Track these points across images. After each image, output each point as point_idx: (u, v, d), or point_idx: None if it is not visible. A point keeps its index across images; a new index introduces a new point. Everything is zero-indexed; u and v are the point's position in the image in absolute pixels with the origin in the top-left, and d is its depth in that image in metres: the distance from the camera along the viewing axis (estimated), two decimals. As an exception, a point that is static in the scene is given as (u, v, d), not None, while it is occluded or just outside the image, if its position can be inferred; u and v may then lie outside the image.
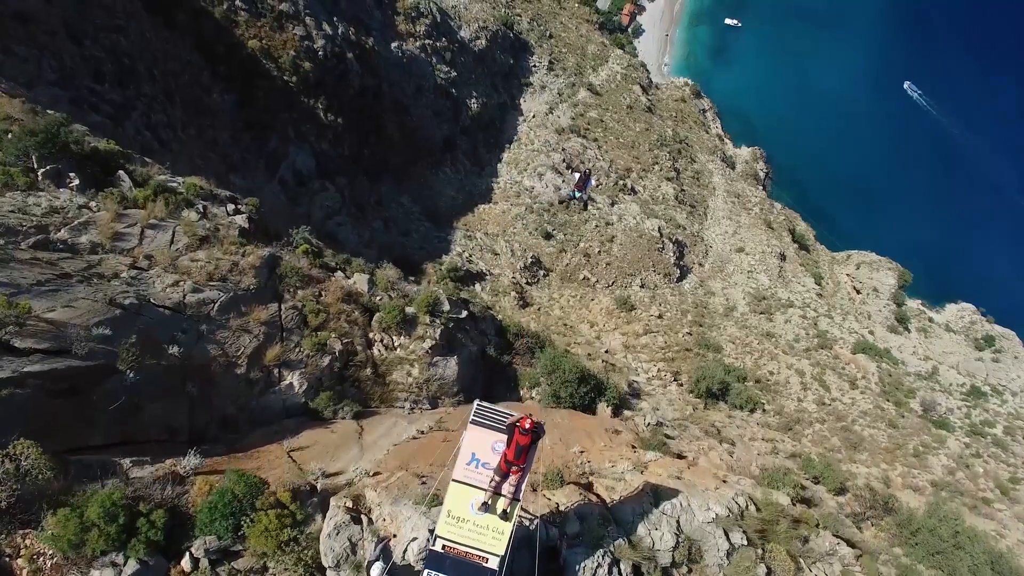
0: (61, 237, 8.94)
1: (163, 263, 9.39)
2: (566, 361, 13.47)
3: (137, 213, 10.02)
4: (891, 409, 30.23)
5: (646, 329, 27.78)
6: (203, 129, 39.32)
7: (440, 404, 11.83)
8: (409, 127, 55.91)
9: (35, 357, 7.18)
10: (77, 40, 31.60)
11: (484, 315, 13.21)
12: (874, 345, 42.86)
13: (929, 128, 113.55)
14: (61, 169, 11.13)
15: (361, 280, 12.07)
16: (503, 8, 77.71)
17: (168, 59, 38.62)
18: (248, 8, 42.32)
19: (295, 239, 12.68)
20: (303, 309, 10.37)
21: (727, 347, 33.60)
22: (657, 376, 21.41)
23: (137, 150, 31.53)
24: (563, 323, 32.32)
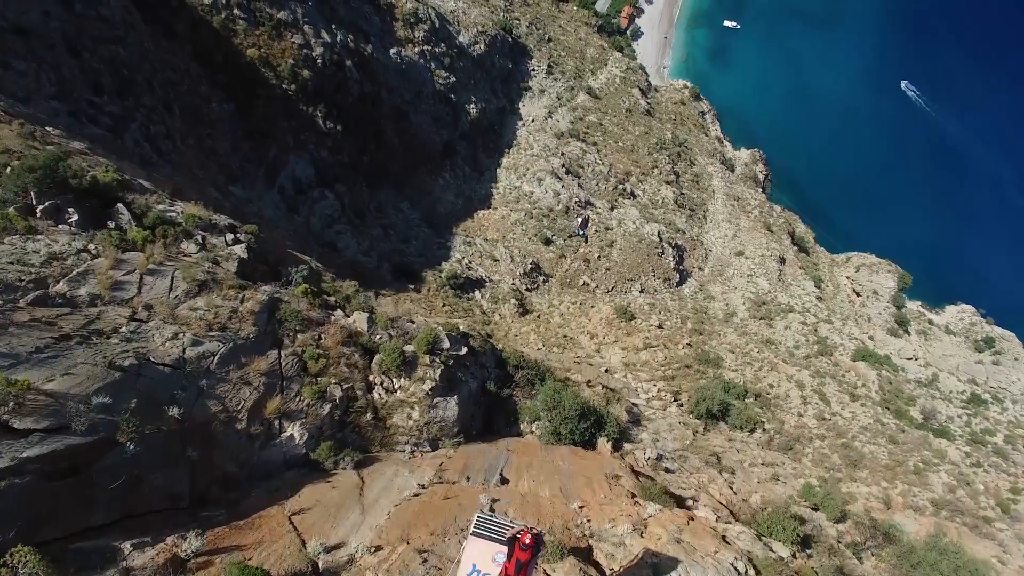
0: (60, 291, 8.91)
1: (162, 313, 9.37)
2: (566, 395, 13.42)
3: (136, 257, 9.98)
4: (891, 423, 30.19)
5: (646, 343, 27.75)
6: (202, 139, 39.33)
7: (440, 445, 11.80)
8: (408, 133, 55.91)
9: (34, 438, 7.15)
10: (76, 52, 31.61)
11: (484, 348, 13.16)
12: (874, 352, 42.86)
13: (927, 128, 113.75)
14: (60, 205, 11.11)
15: (361, 319, 12.03)
16: (501, 12, 77.75)
17: (167, 69, 38.62)
18: (246, 17, 42.31)
19: (294, 278, 12.65)
20: (303, 355, 10.35)
21: (727, 357, 33.54)
22: (657, 396, 21.38)
23: (136, 162, 31.64)
24: (563, 334, 32.32)
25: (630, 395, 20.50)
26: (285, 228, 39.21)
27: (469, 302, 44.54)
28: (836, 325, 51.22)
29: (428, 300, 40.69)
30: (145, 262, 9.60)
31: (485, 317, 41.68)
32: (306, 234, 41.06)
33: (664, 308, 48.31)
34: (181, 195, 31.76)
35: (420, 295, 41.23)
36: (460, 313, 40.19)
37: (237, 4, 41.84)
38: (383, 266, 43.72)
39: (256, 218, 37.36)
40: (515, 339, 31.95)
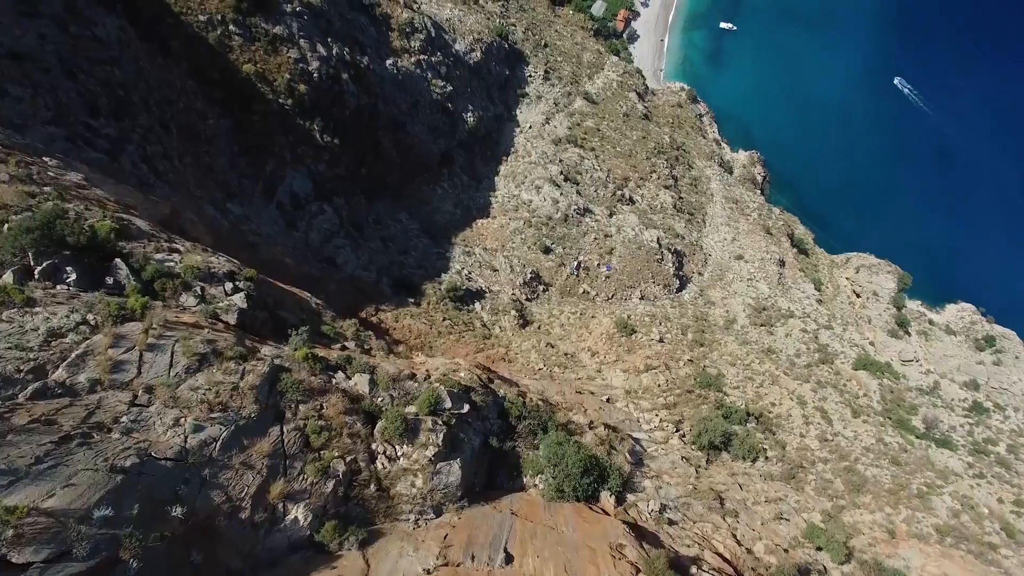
0: (59, 378, 8.88)
1: (163, 396, 9.31)
2: (568, 449, 13.34)
3: (135, 329, 9.91)
4: (894, 443, 30.13)
5: (647, 364, 27.71)
6: (199, 156, 39.28)
7: (444, 510, 11.76)
8: (406, 144, 55.86)
9: (33, 572, 7.07)
10: (72, 75, 31.57)
11: (485, 402, 13.07)
12: (875, 361, 42.80)
13: (923, 125, 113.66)
14: (58, 264, 11.08)
15: (362, 381, 11.97)
16: (497, 19, 77.68)
17: (163, 87, 38.57)
18: (242, 32, 42.26)
19: (293, 341, 12.59)
20: (305, 429, 10.30)
21: (728, 372, 33.48)
22: (659, 427, 21.36)
23: (134, 184, 31.62)
24: (563, 352, 32.27)
25: (632, 427, 20.38)
26: (284, 244, 39.19)
27: (469, 314, 44.53)
28: (837, 331, 51.19)
29: (428, 314, 40.68)
30: (144, 337, 9.52)
31: (485, 330, 41.66)
32: (304, 250, 41.03)
33: (664, 317, 48.29)
34: (179, 215, 31.75)
35: (420, 309, 41.23)
36: (460, 327, 40.18)
37: (232, 20, 41.80)
38: (383, 280, 43.68)
39: (255, 235, 37.36)
40: (516, 357, 31.93)
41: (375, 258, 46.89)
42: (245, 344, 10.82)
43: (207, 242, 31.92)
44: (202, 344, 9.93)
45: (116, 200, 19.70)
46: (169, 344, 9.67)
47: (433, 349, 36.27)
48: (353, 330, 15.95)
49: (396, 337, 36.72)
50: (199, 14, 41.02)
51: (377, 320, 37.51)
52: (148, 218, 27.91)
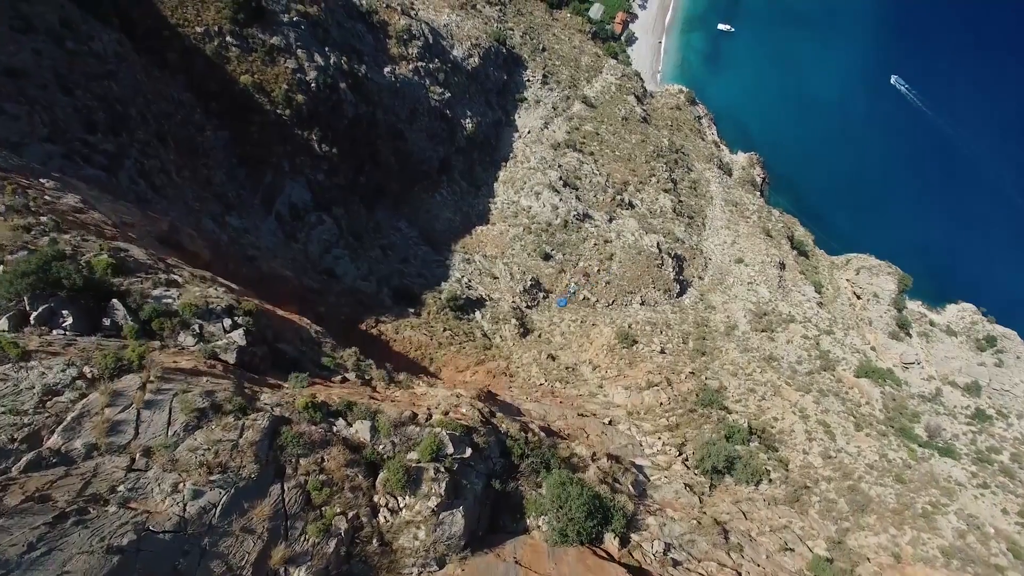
0: (54, 445, 8.72)
1: (161, 459, 9.13)
2: (572, 491, 13.20)
3: (132, 384, 9.74)
4: (897, 459, 29.98)
5: (648, 380, 27.56)
6: (197, 169, 39.15)
7: (447, 561, 11.63)
8: (404, 152, 55.75)
9: None
10: (68, 91, 31.44)
11: (488, 442, 12.92)
12: (877, 368, 42.69)
13: (921, 124, 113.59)
14: (54, 308, 10.95)
15: (363, 429, 11.81)
16: (495, 23, 77.52)
17: (160, 100, 38.43)
18: (239, 44, 42.12)
19: (293, 383, 12.43)
20: (306, 485, 10.14)
21: (729, 385, 33.33)
22: (662, 450, 21.25)
23: (132, 199, 31.50)
24: (565, 366, 32.12)
25: (635, 452, 20.24)
26: (283, 256, 39.07)
27: (470, 323, 44.42)
28: (838, 336, 51.07)
29: (428, 325, 40.56)
30: (141, 394, 9.37)
31: (486, 340, 41.54)
32: (304, 261, 40.91)
33: (665, 324, 48.17)
34: (177, 231, 31.61)
35: (420, 320, 41.11)
36: (461, 337, 40.05)
37: (229, 31, 41.68)
38: (383, 290, 43.56)
39: (254, 249, 37.23)
40: (518, 371, 31.81)
41: (375, 267, 46.76)
42: (244, 392, 10.64)
43: (206, 257, 31.82)
44: (200, 398, 9.75)
45: (113, 224, 19.56)
46: (167, 399, 9.50)
47: (434, 361, 36.15)
48: (353, 360, 15.81)
49: (397, 350, 36.61)
50: (196, 26, 40.88)
51: (377, 332, 37.42)
52: (146, 236, 27.82)
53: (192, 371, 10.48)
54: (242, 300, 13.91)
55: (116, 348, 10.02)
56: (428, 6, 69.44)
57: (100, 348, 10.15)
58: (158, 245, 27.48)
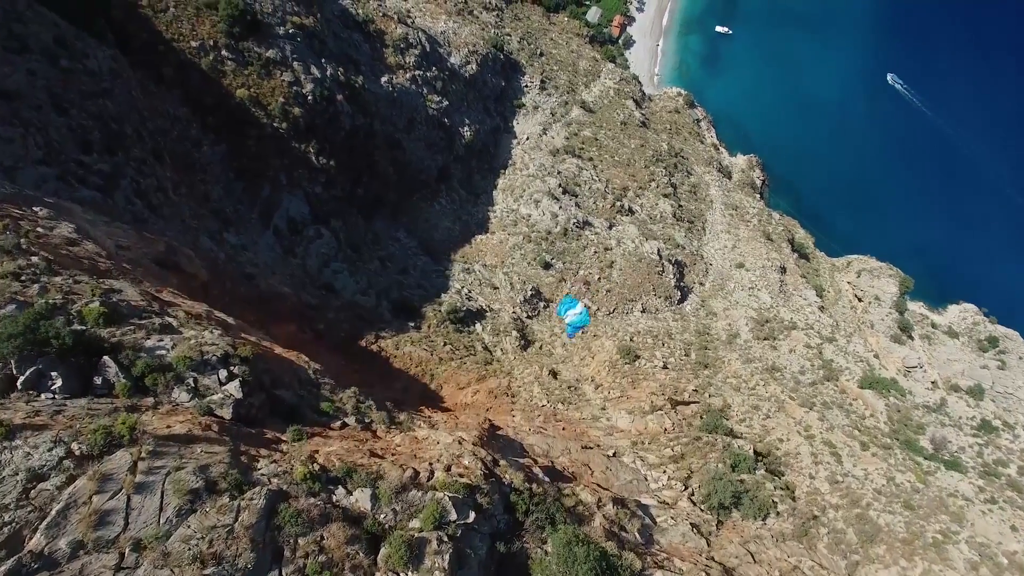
0: (36, 547, 8.40)
1: (152, 555, 8.78)
2: (578, 552, 12.93)
3: (122, 464, 9.41)
4: (906, 482, 29.64)
5: (652, 404, 27.25)
6: (194, 185, 38.89)
7: None
8: (402, 161, 55.50)
9: None
10: (63, 110, 31.17)
11: (492, 501, 12.63)
12: (881, 378, 42.42)
13: (919, 123, 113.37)
14: (42, 371, 10.69)
15: (364, 497, 11.52)
16: (492, 29, 77.24)
17: (156, 116, 38.17)
18: (235, 57, 41.86)
19: (291, 439, 12.11)
20: (305, 568, 9.85)
21: (734, 402, 33.01)
22: (668, 485, 21.02)
23: (129, 220, 31.25)
24: (567, 385, 31.87)
25: (640, 487, 19.97)
26: (282, 272, 38.82)
27: (470, 336, 44.18)
28: (840, 343, 50.81)
29: (429, 339, 40.31)
30: (132, 478, 9.05)
31: (487, 354, 41.29)
32: (303, 276, 40.66)
33: (666, 334, 47.90)
34: (174, 251, 31.36)
35: (421, 334, 40.87)
36: (461, 351, 39.80)
37: (225, 45, 41.41)
38: (382, 304, 43.31)
39: (252, 266, 36.97)
40: (519, 390, 31.55)
41: (374, 280, 46.51)
42: (240, 460, 10.37)
43: (204, 277, 31.57)
44: (194, 476, 9.44)
45: (108, 254, 19.30)
46: (159, 480, 9.19)
47: (435, 377, 35.89)
48: (353, 402, 15.54)
49: (397, 366, 36.36)
50: (191, 40, 40.62)
51: (377, 348, 37.17)
52: (143, 259, 27.55)
53: (186, 437, 10.20)
54: (238, 344, 13.66)
55: (107, 418, 9.70)
56: (425, 13, 69.17)
57: (91, 414, 9.85)
58: (156, 270, 27.23)
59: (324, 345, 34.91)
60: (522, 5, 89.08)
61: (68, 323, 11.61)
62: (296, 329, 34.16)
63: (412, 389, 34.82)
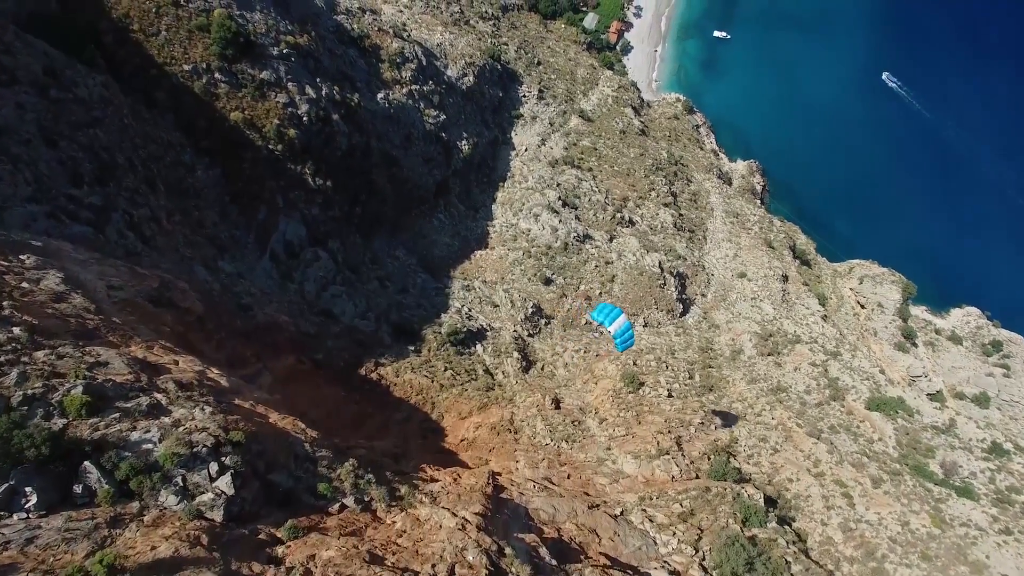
0: None
1: None
2: None
3: None
4: (921, 528, 28.99)
5: (659, 446, 26.54)
6: (188, 212, 38.26)
7: None
8: (400, 178, 54.89)
9: None
10: (53, 143, 30.53)
11: None
12: (888, 399, 41.85)
13: (917, 125, 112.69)
14: (15, 487, 10.07)
15: None
16: (489, 39, 76.63)
17: (148, 142, 37.54)
18: (228, 80, 41.23)
19: (287, 538, 11.49)
20: None
21: (741, 435, 32.40)
22: (678, 549, 20.39)
23: (121, 255, 30.65)
24: (572, 421, 31.20)
25: (650, 552, 19.35)
26: (279, 300, 38.22)
27: (471, 358, 43.60)
28: (845, 358, 50.25)
29: (429, 364, 39.73)
30: None
31: (488, 378, 40.71)
32: (301, 303, 40.06)
33: (670, 351, 47.34)
34: (168, 286, 30.75)
35: (421, 358, 40.28)
36: (463, 377, 39.24)
37: (218, 68, 40.77)
38: (382, 327, 42.72)
39: (248, 296, 36.36)
40: (522, 426, 30.94)
41: (373, 302, 45.90)
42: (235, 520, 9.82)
43: (199, 311, 30.96)
44: None
45: (97, 309, 18.69)
46: None
47: (436, 406, 35.32)
48: (352, 480, 14.90)
49: (398, 395, 35.78)
50: (183, 63, 39.98)
51: (377, 376, 36.61)
52: (136, 297, 26.94)
53: (172, 563, 9.61)
54: (231, 426, 13.05)
55: (85, 542, 9.07)
56: (421, 25, 68.55)
57: (67, 539, 9.22)
58: (150, 309, 26.65)
59: (323, 375, 34.34)
60: (519, 13, 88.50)
61: (48, 416, 11.03)
62: (294, 361, 33.59)
63: (413, 419, 34.25)
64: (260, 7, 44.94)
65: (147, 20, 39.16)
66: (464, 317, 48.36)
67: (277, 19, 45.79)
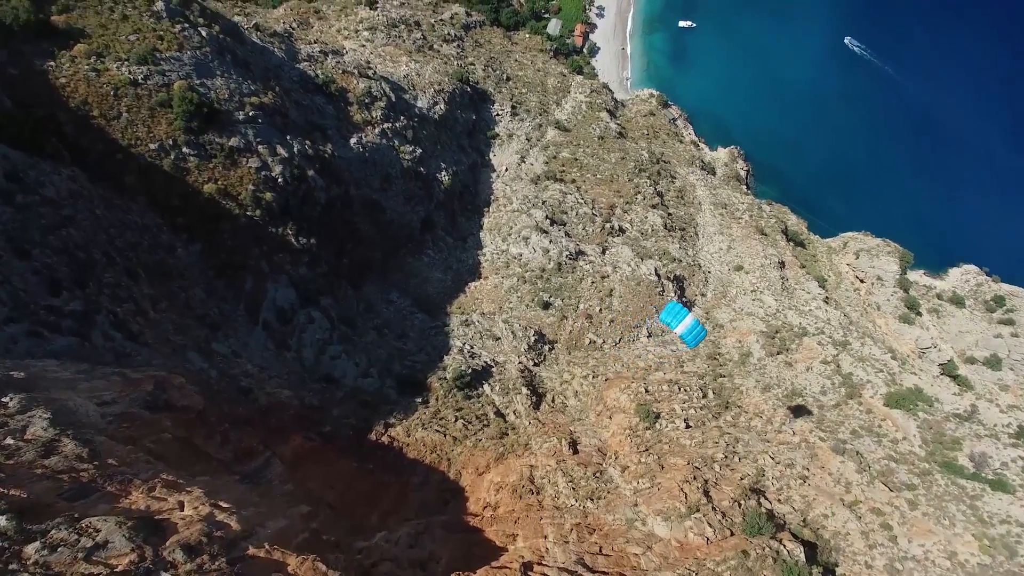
0: None
1: None
2: None
3: None
4: (972, 560, 28.15)
5: (688, 502, 25.64)
6: (174, 295, 37.33)
7: None
8: (384, 221, 54.12)
9: None
10: (25, 253, 29.55)
11: None
12: (906, 394, 41.34)
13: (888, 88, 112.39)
14: None
15: None
16: (455, 61, 75.84)
17: (124, 230, 36.57)
18: (197, 152, 40.31)
19: None
20: None
21: (766, 465, 31.49)
22: None
23: (111, 360, 29.76)
24: (593, 473, 30.34)
25: None
26: (279, 375, 37.37)
27: (480, 401, 42.86)
28: (855, 347, 49.74)
29: (439, 416, 38.99)
30: None
31: (500, 421, 40.00)
32: (301, 372, 39.23)
33: (678, 363, 46.71)
34: (163, 386, 29.83)
35: (430, 411, 39.52)
36: (475, 425, 38.52)
37: (185, 142, 39.85)
38: (386, 383, 41.93)
39: (247, 377, 35.51)
40: (543, 484, 30.18)
41: (373, 355, 45.10)
42: None
43: (199, 406, 30.07)
44: None
45: (91, 455, 17.85)
46: None
47: (452, 464, 34.59)
48: None
49: (412, 456, 35.03)
50: (149, 143, 39.04)
51: (389, 440, 35.87)
52: (132, 406, 26.04)
53: None
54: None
55: None
56: (385, 58, 67.74)
57: None
58: (147, 417, 25.78)
59: (333, 449, 33.56)
60: (481, 30, 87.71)
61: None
62: (302, 439, 32.79)
63: (431, 481, 33.52)
64: (220, 71, 43.99)
65: (106, 104, 38.14)
66: (467, 356, 47.61)
67: (239, 81, 44.84)
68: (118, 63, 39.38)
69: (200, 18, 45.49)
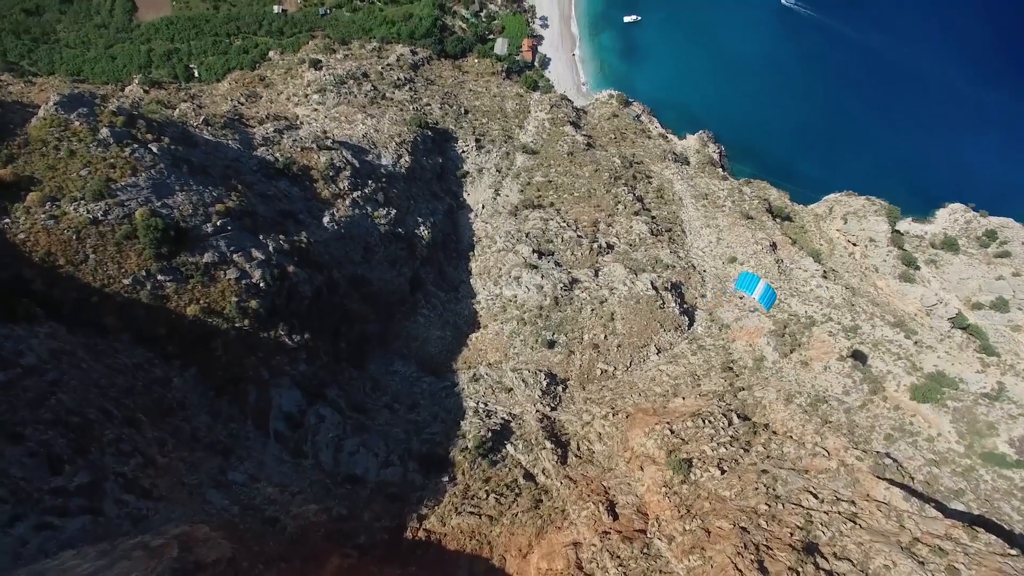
0: None
1: None
2: None
3: None
4: None
5: None
6: (179, 430, 36.33)
7: None
8: (372, 293, 53.26)
9: None
10: (17, 437, 28.46)
11: None
12: (931, 386, 40.84)
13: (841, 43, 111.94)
14: None
15: None
16: (410, 105, 74.92)
17: (115, 376, 35.51)
18: (172, 277, 39.30)
19: None
20: None
21: (811, 505, 30.67)
22: None
23: (127, 528, 28.77)
24: (640, 549, 29.55)
25: None
26: (302, 490, 36.45)
27: (506, 464, 42.16)
28: (866, 331, 49.38)
29: (469, 493, 38.31)
30: None
31: (531, 486, 39.32)
32: (322, 478, 38.33)
33: (692, 378, 46.13)
34: (188, 545, 28.88)
35: (458, 488, 38.85)
36: (508, 498, 37.82)
37: (159, 270, 38.86)
38: (409, 467, 41.13)
39: (269, 503, 34.59)
40: (592, 568, 29.48)
41: (391, 436, 44.22)
42: None
43: (229, 553, 29.19)
44: None
45: None
46: None
47: (494, 548, 33.90)
48: None
49: (451, 547, 34.28)
50: (122, 279, 38.00)
51: (425, 535, 35.13)
52: None
53: None
54: None
55: None
56: (340, 120, 66.81)
57: None
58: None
59: (372, 561, 32.75)
60: (430, 65, 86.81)
61: None
62: (339, 560, 31.97)
63: (477, 574, 32.79)
64: (179, 186, 42.92)
65: (71, 250, 37.02)
66: (483, 417, 46.87)
67: (200, 191, 43.80)
68: (75, 204, 38.28)
69: (148, 134, 44.35)
